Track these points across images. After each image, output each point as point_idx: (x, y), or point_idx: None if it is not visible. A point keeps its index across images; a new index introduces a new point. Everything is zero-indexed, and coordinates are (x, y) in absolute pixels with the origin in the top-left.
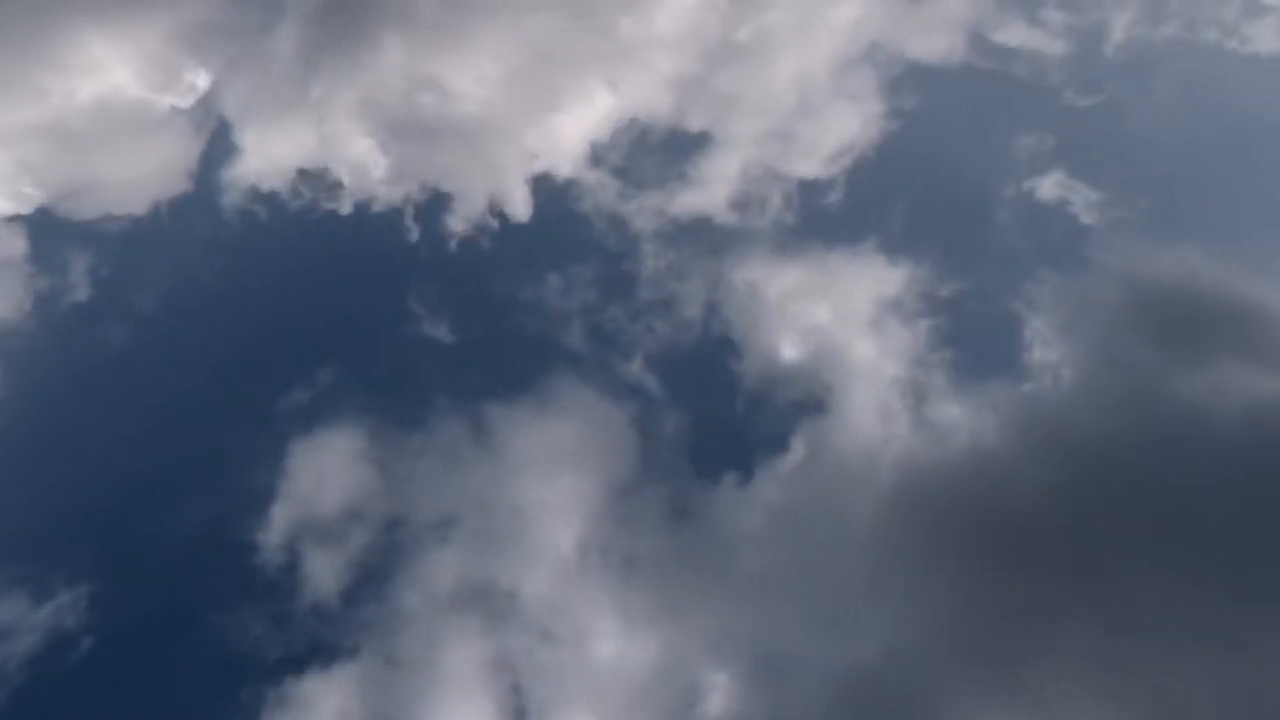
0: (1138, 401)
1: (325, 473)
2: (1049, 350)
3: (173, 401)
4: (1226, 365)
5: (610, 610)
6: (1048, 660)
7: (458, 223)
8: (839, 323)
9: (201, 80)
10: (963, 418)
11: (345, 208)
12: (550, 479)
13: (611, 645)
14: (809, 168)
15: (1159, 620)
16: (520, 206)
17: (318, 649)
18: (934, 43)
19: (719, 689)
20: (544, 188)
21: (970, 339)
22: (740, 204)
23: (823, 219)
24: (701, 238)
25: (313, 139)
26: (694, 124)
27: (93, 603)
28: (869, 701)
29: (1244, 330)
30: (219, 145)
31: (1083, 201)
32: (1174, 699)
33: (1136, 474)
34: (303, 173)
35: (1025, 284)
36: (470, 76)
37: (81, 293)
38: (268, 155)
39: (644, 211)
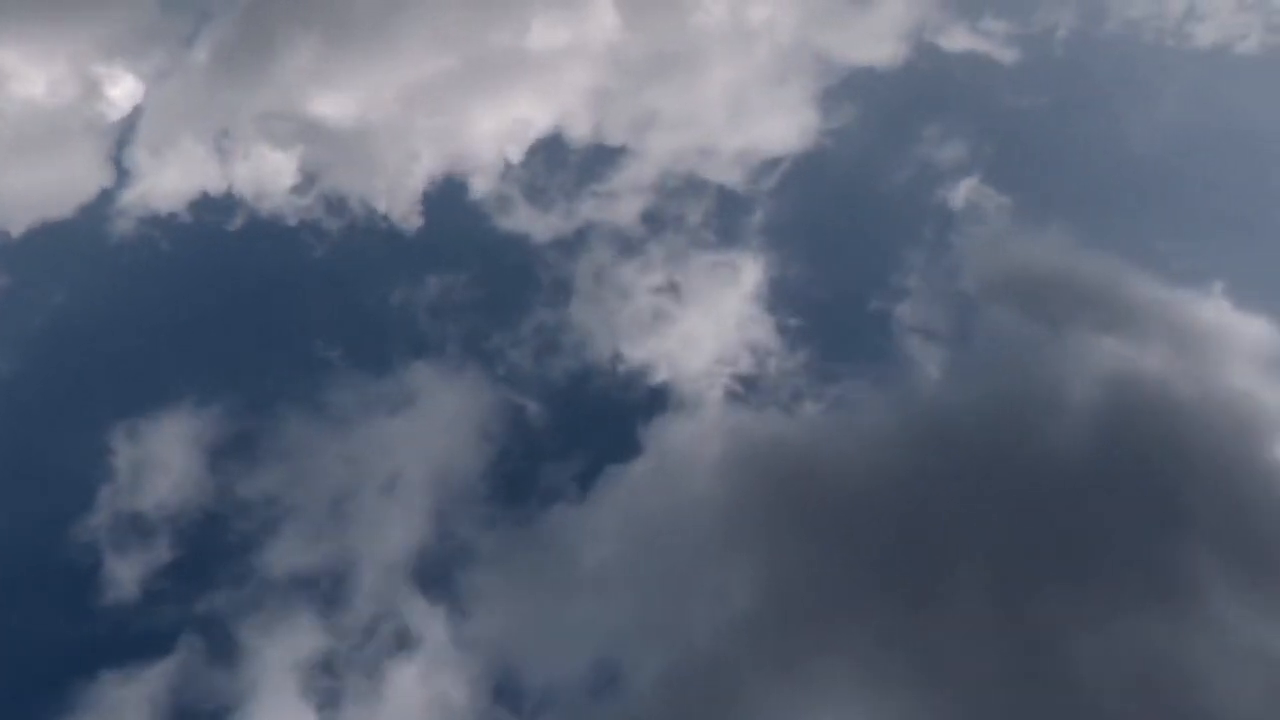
0: (1000, 396)
1: (153, 463)
2: (917, 346)
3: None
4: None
5: (442, 610)
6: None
7: (360, 235)
8: (715, 328)
9: (118, 93)
10: (828, 414)
11: (252, 223)
12: (394, 474)
13: (442, 645)
14: (729, 179)
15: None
16: (427, 218)
17: (132, 645)
18: (874, 50)
19: (551, 689)
20: (454, 199)
21: (842, 337)
22: (651, 217)
23: (736, 231)
24: (607, 249)
25: (221, 153)
26: (612, 137)
27: None
28: (698, 699)
29: (1119, 322)
30: (126, 158)
31: (992, 206)
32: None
33: (993, 464)
34: (206, 192)
35: (901, 281)
36: (383, 87)
37: None
38: (176, 171)
39: (549, 225)
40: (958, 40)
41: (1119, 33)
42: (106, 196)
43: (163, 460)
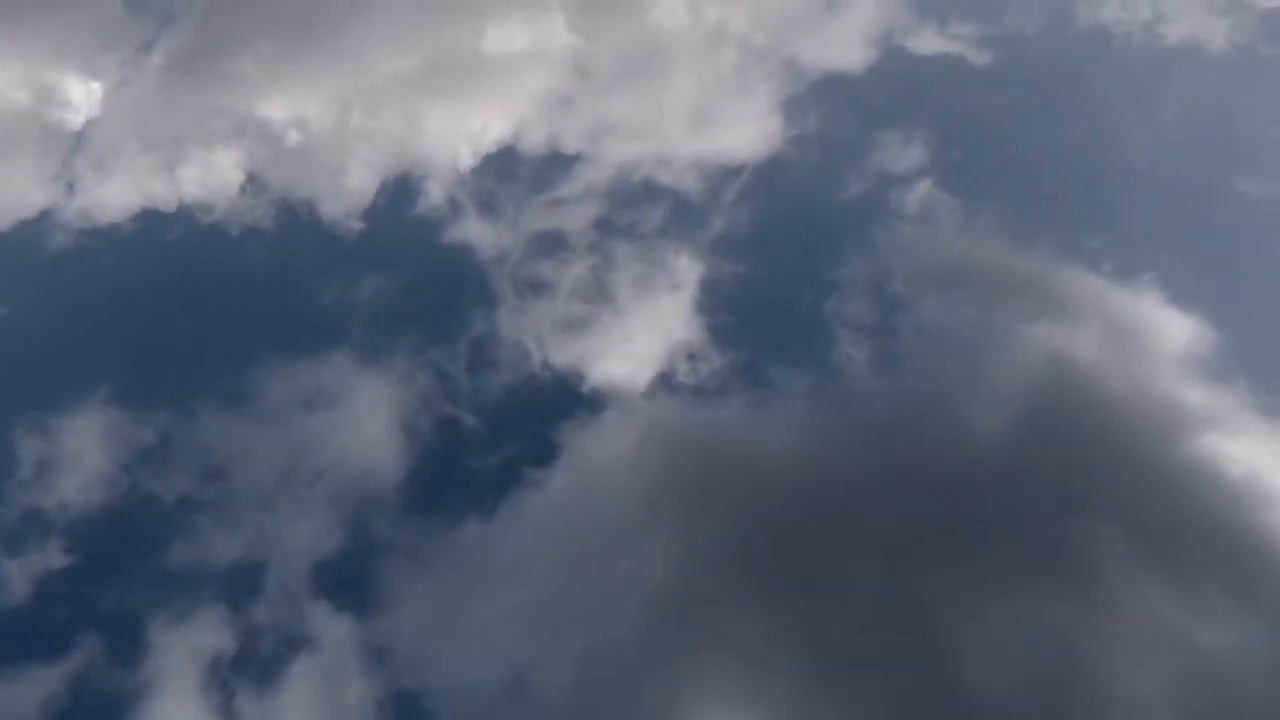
0: (929, 391)
1: (67, 461)
2: (850, 342)
3: None
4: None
5: (352, 613)
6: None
7: (305, 238)
8: (655, 335)
9: (78, 98)
10: (757, 411)
11: (198, 227)
12: (313, 474)
13: (350, 647)
14: (686, 187)
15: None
16: (375, 222)
17: (28, 643)
18: (842, 54)
19: (459, 695)
20: (404, 205)
21: (777, 338)
22: (603, 224)
23: (687, 238)
24: (553, 257)
25: (174, 158)
26: (569, 144)
27: None
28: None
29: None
30: (80, 164)
31: (944, 208)
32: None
33: (918, 456)
34: (156, 196)
35: (839, 281)
36: (338, 92)
37: None
38: (126, 176)
39: (497, 233)
40: (927, 43)
41: (1088, 35)
42: (63, 201)
43: (76, 458)
